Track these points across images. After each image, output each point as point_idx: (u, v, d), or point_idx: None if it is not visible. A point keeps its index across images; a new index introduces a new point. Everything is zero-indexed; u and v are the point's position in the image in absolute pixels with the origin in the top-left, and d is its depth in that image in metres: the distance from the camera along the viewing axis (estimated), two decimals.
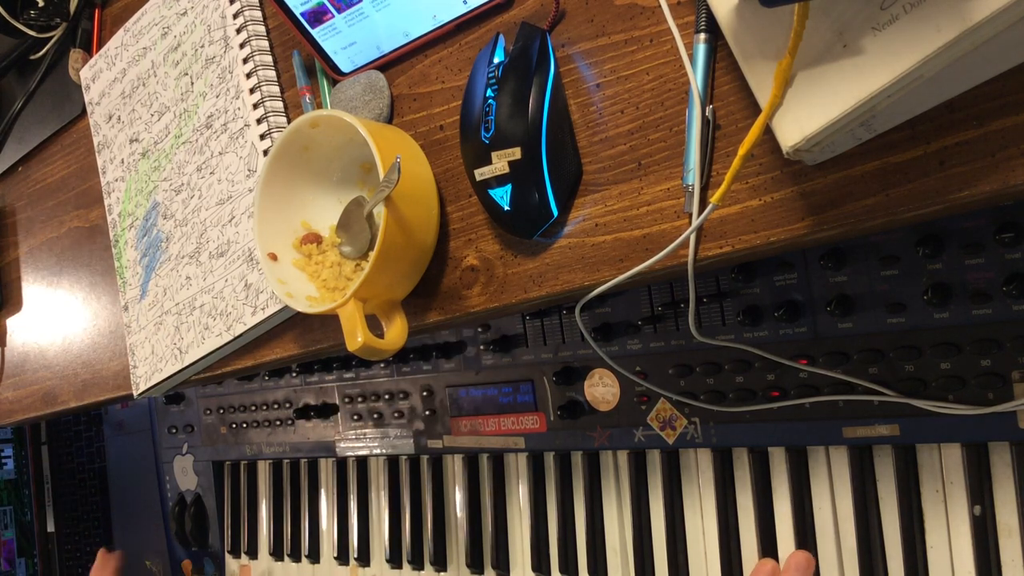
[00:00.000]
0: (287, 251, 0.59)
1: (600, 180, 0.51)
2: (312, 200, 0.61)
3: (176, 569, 1.27)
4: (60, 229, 0.93)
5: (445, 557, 0.95)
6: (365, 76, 0.61)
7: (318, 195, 0.61)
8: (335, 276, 0.57)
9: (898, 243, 0.63)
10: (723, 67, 0.46)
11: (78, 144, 0.90)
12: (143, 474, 1.30)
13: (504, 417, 0.87)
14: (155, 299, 0.76)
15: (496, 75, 0.51)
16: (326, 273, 0.58)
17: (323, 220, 0.61)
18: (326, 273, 0.58)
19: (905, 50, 0.35)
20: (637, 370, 0.77)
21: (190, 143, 0.72)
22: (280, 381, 1.08)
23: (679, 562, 0.78)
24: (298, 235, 0.60)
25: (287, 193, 0.59)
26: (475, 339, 0.89)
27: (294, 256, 0.59)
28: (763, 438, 0.72)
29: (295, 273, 0.59)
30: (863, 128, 0.40)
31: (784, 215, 0.45)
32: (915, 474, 0.66)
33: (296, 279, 0.59)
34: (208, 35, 0.70)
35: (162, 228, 0.75)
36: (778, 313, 0.68)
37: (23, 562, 1.42)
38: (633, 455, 0.80)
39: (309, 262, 0.59)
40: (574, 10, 0.52)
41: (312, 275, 0.59)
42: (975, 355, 0.61)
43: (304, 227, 0.60)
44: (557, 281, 0.53)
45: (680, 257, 0.48)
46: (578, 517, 0.85)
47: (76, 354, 0.90)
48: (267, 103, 0.66)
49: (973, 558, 0.63)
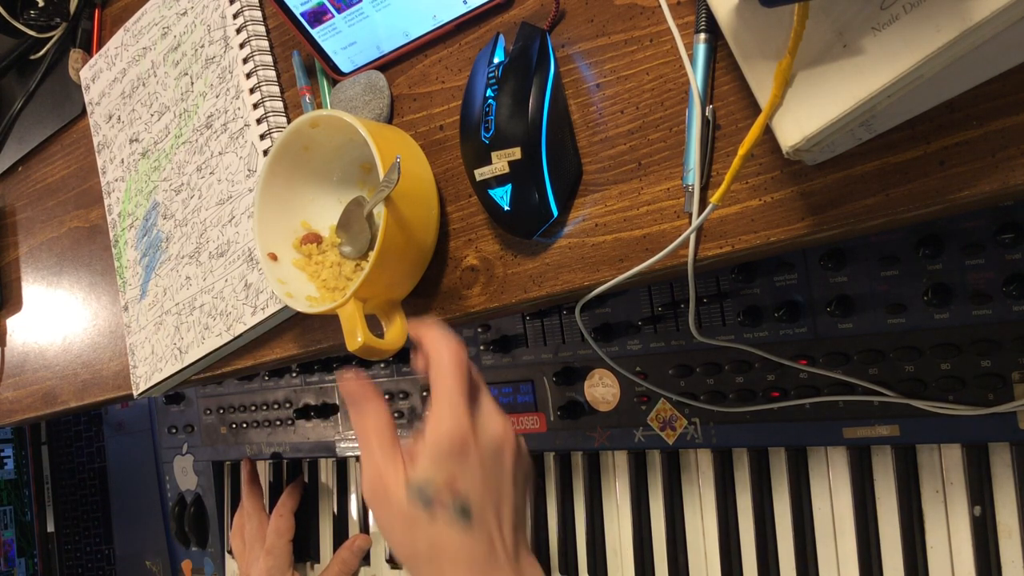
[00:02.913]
0: (287, 251, 0.59)
1: (600, 180, 0.51)
2: (312, 200, 0.61)
3: (176, 569, 1.27)
4: (60, 229, 0.93)
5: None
6: (365, 76, 0.61)
7: (318, 195, 0.61)
8: (335, 276, 0.57)
9: (898, 243, 0.63)
10: (723, 67, 0.46)
11: (78, 144, 0.90)
12: (143, 474, 1.29)
13: None
14: (155, 299, 0.76)
15: (496, 75, 0.51)
16: (326, 273, 0.58)
17: (323, 220, 0.61)
18: (326, 273, 0.58)
19: (905, 50, 0.35)
20: (637, 370, 0.77)
21: (190, 143, 0.72)
22: (280, 381, 1.08)
23: (679, 562, 0.78)
24: (298, 235, 0.60)
25: (287, 193, 0.59)
26: (475, 339, 0.89)
27: (294, 256, 0.59)
28: (763, 438, 0.72)
29: (295, 273, 0.59)
30: (863, 128, 0.40)
31: (784, 215, 0.44)
32: (915, 474, 0.66)
33: (296, 279, 0.59)
34: (208, 35, 0.70)
35: (162, 228, 0.75)
36: (778, 313, 0.68)
37: (23, 562, 1.42)
38: (633, 455, 0.80)
39: (309, 262, 0.59)
40: (574, 10, 0.52)
41: (312, 275, 0.59)
42: (975, 356, 0.61)
43: (304, 227, 0.60)
44: (557, 281, 0.53)
45: (680, 257, 0.48)
46: (578, 517, 0.84)
47: (76, 354, 0.90)
48: (267, 103, 0.66)
49: (973, 559, 0.63)
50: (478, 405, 0.50)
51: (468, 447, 0.47)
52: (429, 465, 0.47)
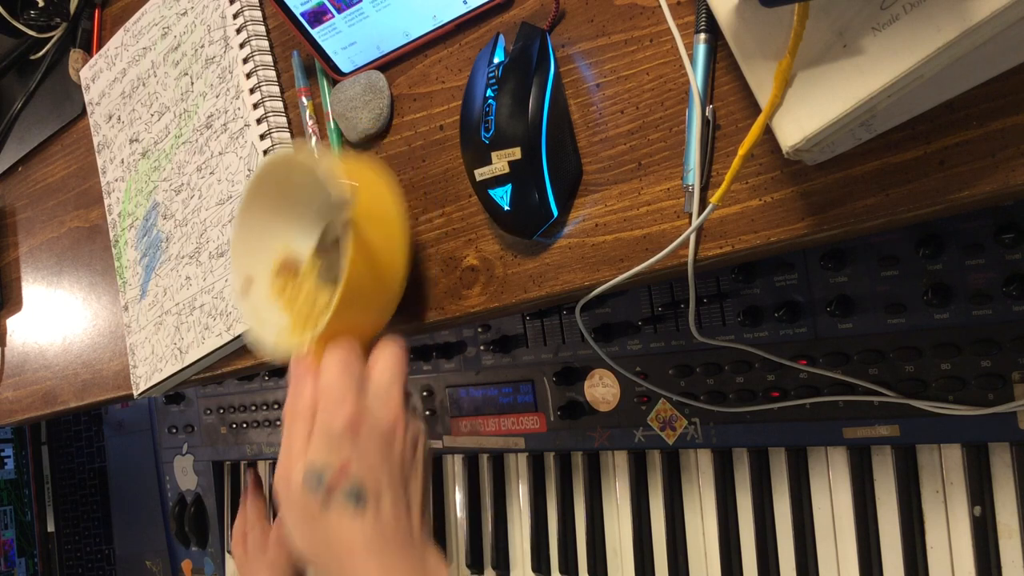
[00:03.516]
0: (263, 279, 0.58)
1: (600, 180, 0.51)
2: (293, 225, 0.58)
3: (176, 569, 1.27)
4: (60, 229, 0.93)
5: (445, 557, 0.95)
6: (365, 76, 0.61)
7: (300, 220, 0.58)
8: (309, 306, 0.56)
9: (898, 243, 0.63)
10: (723, 67, 0.46)
11: (78, 144, 0.90)
12: (143, 474, 1.30)
13: (504, 417, 0.87)
14: (155, 299, 0.76)
15: (496, 75, 0.51)
16: (300, 303, 0.56)
17: (304, 245, 0.59)
18: (300, 303, 0.56)
19: (905, 50, 0.35)
20: (637, 370, 0.77)
21: (190, 143, 0.72)
22: (280, 381, 1.08)
23: (679, 562, 0.78)
24: (276, 262, 0.58)
25: (266, 221, 0.58)
26: (475, 339, 0.89)
27: (271, 284, 0.58)
28: (763, 438, 0.72)
29: (269, 303, 0.57)
30: (863, 128, 0.40)
31: (784, 215, 0.44)
32: (915, 475, 0.66)
33: (270, 309, 0.57)
34: (208, 35, 0.70)
35: (162, 228, 0.75)
36: (778, 313, 0.68)
37: (23, 562, 1.42)
38: (633, 455, 0.80)
39: (284, 291, 0.57)
40: (574, 10, 0.52)
41: (288, 304, 0.57)
42: (975, 356, 0.61)
43: (282, 253, 0.58)
44: (557, 281, 0.53)
45: (680, 257, 0.48)
46: (578, 517, 0.84)
47: (76, 354, 0.90)
48: (267, 103, 0.66)
49: (973, 559, 0.63)
50: (367, 389, 0.49)
51: (360, 428, 0.46)
52: (323, 447, 0.46)
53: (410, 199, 0.60)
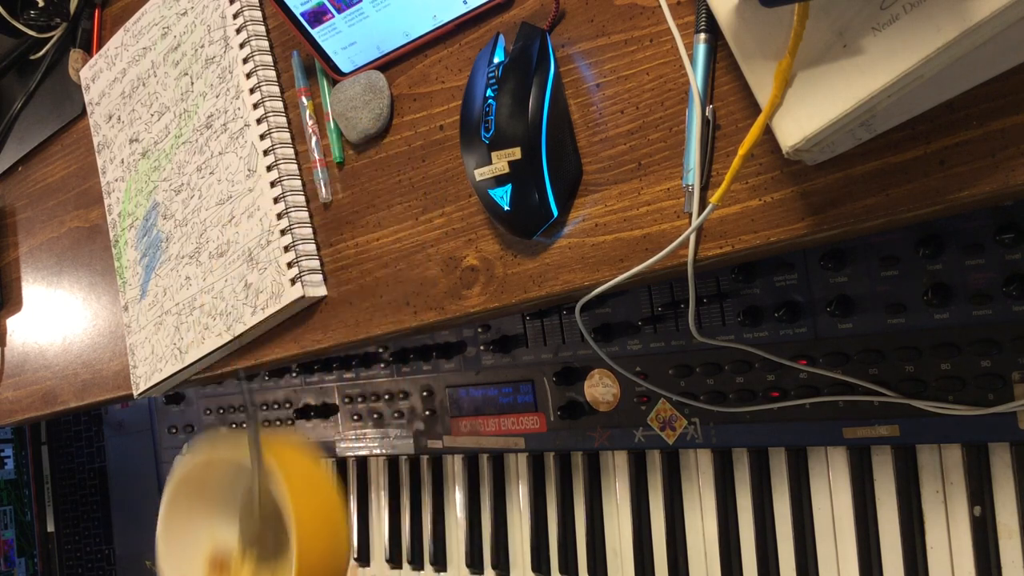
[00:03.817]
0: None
1: (600, 180, 0.51)
2: (215, 516, 0.57)
3: None
4: (60, 229, 0.93)
5: (445, 557, 0.95)
6: (365, 76, 0.61)
7: (221, 508, 0.57)
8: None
9: (898, 243, 0.63)
10: (723, 67, 0.46)
11: (78, 144, 0.90)
12: (143, 474, 1.29)
13: (504, 417, 0.87)
14: (155, 299, 0.76)
15: (496, 75, 0.51)
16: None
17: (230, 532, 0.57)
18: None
19: (905, 50, 0.35)
20: (637, 370, 0.77)
21: (190, 143, 0.72)
22: (280, 381, 1.08)
23: (679, 562, 0.78)
24: (206, 561, 0.57)
25: (187, 520, 0.57)
26: (475, 339, 0.89)
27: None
28: (763, 438, 0.72)
29: None
30: (863, 128, 0.40)
31: (784, 215, 0.44)
32: (915, 475, 0.66)
33: None
34: (208, 35, 0.70)
35: (162, 228, 0.75)
36: (778, 313, 0.68)
37: (23, 562, 1.42)
38: (633, 455, 0.80)
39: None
40: (574, 10, 0.52)
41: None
42: (975, 356, 0.61)
43: (210, 547, 0.57)
44: (557, 281, 0.53)
45: (680, 257, 0.48)
46: (578, 517, 0.84)
47: (76, 354, 0.90)
48: (267, 103, 0.66)
49: (973, 559, 0.63)
50: None
51: None
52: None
53: (410, 199, 0.60)
